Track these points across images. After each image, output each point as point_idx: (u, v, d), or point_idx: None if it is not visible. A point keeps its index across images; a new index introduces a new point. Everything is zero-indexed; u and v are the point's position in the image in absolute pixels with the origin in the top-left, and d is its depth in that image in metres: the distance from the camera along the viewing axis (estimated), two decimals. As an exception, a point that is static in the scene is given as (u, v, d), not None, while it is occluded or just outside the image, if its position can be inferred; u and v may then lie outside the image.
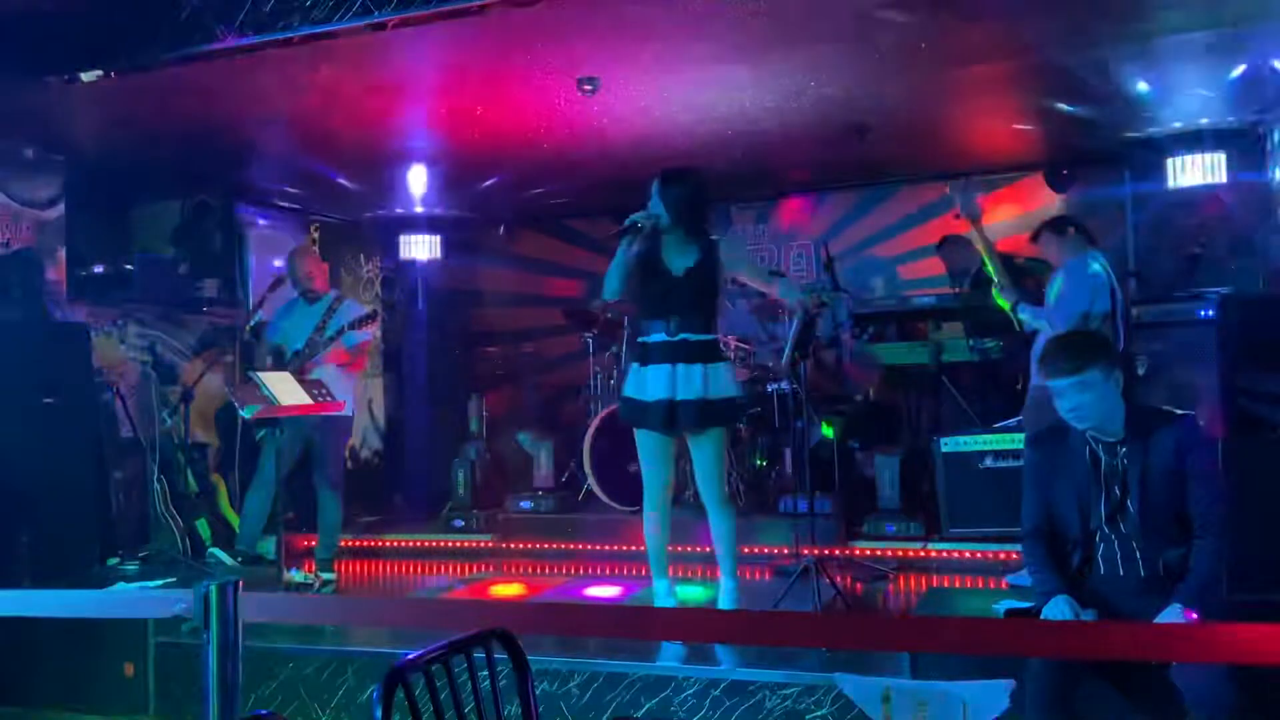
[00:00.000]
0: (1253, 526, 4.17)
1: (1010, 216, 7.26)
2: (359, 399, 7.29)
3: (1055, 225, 4.93)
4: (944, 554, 5.61)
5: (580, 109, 5.49)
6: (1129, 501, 3.06)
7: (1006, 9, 4.45)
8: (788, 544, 5.44)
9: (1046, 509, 3.22)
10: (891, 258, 7.80)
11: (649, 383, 4.23)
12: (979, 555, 5.50)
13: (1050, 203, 7.17)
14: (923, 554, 5.65)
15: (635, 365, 4.33)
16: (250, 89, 5.12)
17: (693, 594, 5.05)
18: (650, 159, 6.66)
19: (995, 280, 4.96)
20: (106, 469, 5.88)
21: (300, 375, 5.40)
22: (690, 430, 4.25)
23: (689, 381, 4.16)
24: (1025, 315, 4.83)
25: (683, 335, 4.19)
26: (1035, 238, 5.04)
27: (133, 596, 3.53)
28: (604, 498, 6.47)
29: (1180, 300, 5.13)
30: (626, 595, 5.27)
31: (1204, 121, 6.17)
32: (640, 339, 4.34)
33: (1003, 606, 3.71)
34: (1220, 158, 6.35)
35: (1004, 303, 4.93)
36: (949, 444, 5.69)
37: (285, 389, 5.14)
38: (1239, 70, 5.29)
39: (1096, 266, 4.78)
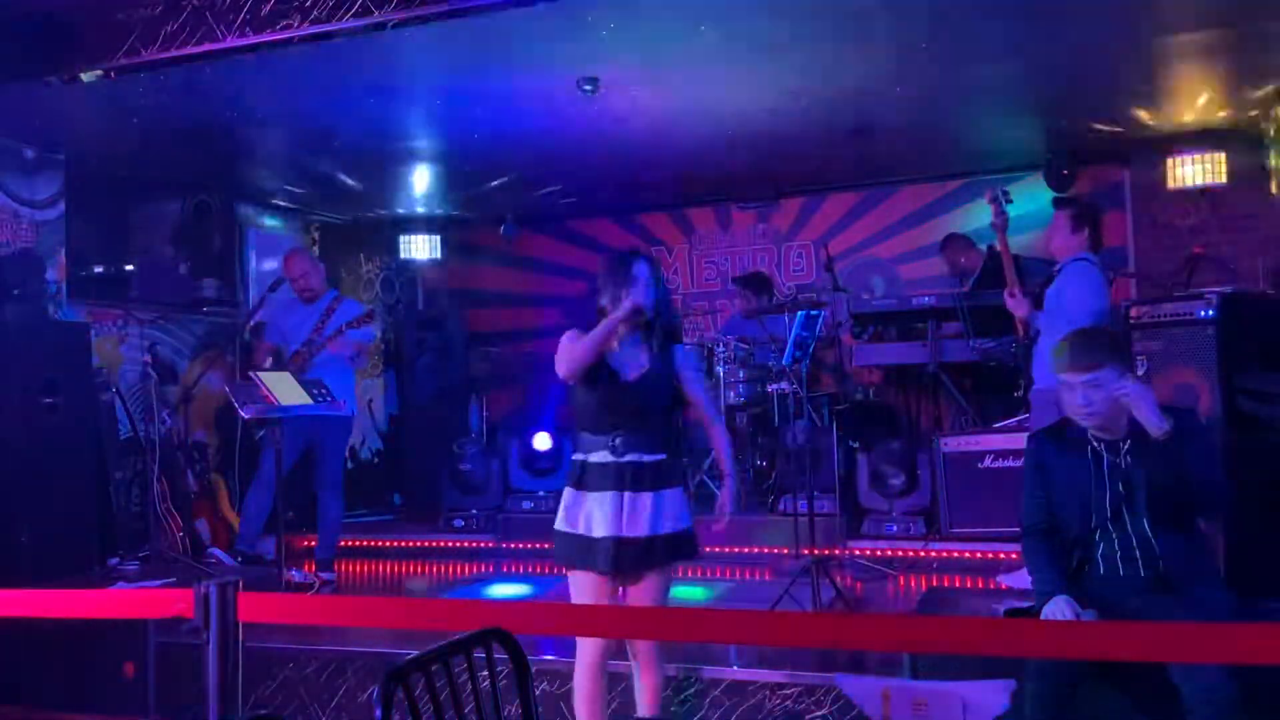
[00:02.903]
0: (1251, 526, 4.17)
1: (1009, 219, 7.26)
2: (359, 399, 7.29)
3: (1075, 216, 4.89)
4: (944, 554, 5.61)
5: (580, 109, 5.49)
6: (1131, 500, 3.06)
7: (1007, 10, 4.45)
8: (788, 544, 5.44)
9: (1047, 508, 3.22)
10: (891, 258, 7.80)
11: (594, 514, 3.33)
12: (979, 555, 5.50)
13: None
14: (923, 554, 5.65)
15: (571, 490, 3.38)
16: (250, 89, 5.12)
17: (693, 594, 5.05)
18: (650, 159, 6.71)
19: (1009, 286, 4.95)
20: (106, 469, 5.87)
21: (300, 375, 5.40)
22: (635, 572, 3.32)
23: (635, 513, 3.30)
24: (1037, 321, 4.82)
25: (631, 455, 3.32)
26: (1056, 205, 5.03)
27: (133, 596, 3.53)
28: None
29: (1180, 300, 5.11)
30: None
31: (1205, 121, 6.17)
32: (577, 455, 3.40)
33: (1003, 607, 3.71)
34: (1220, 158, 6.35)
35: (1013, 310, 4.93)
36: (949, 444, 5.70)
37: (285, 389, 5.14)
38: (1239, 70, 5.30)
39: (1098, 268, 4.79)
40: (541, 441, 6.86)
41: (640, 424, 3.33)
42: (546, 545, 6.23)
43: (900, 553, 5.69)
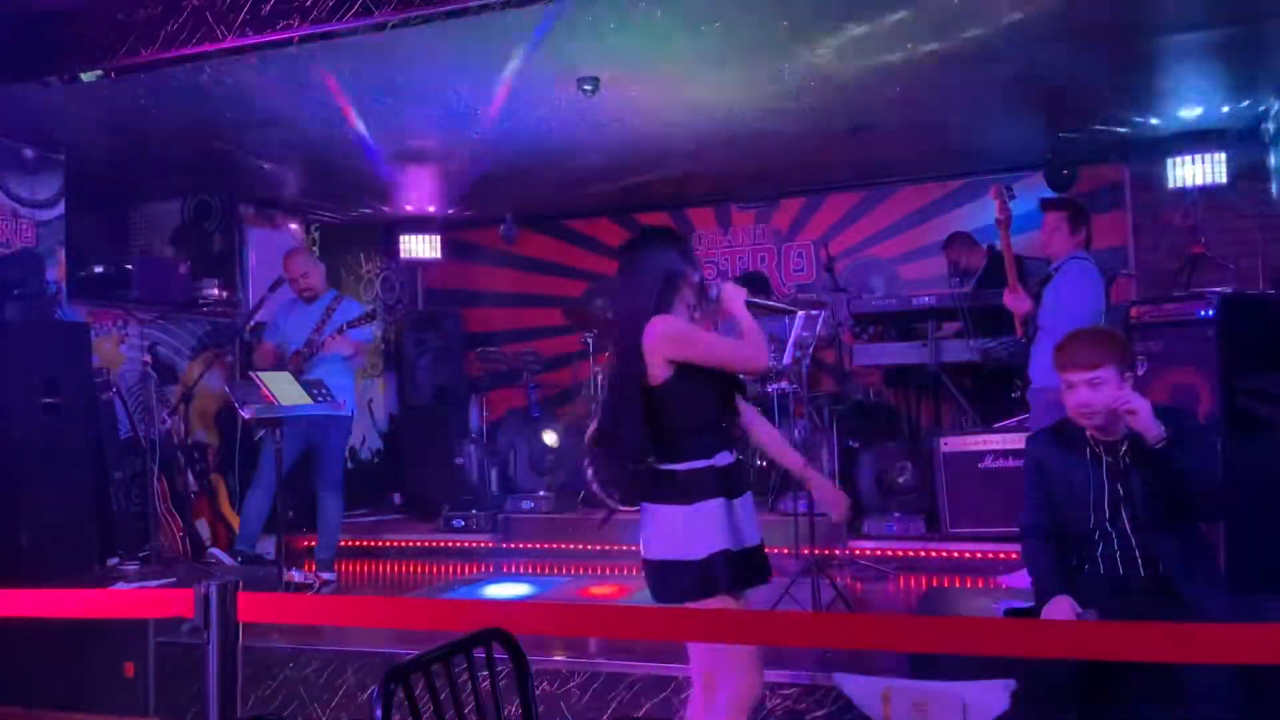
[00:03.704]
0: (1252, 526, 4.17)
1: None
2: (359, 399, 7.29)
3: (1072, 217, 4.90)
4: (944, 554, 5.61)
5: (580, 109, 5.49)
6: (1130, 500, 3.06)
7: (1007, 9, 4.45)
8: (788, 544, 5.44)
9: (1046, 509, 3.22)
10: (891, 258, 7.80)
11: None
12: (979, 555, 5.50)
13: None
14: (923, 554, 5.65)
15: (721, 501, 2.84)
16: (250, 89, 5.12)
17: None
18: (650, 159, 6.71)
19: (1010, 284, 4.97)
20: (106, 469, 5.87)
21: (300, 375, 5.40)
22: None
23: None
24: (1038, 318, 4.83)
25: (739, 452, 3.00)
26: (1046, 207, 5.05)
27: (133, 596, 3.53)
28: (604, 498, 6.45)
29: (1180, 300, 5.12)
30: (626, 595, 5.27)
31: (1204, 121, 6.17)
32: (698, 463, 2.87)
33: (1002, 607, 3.71)
34: (1220, 157, 6.36)
35: (1014, 308, 4.95)
36: (949, 444, 5.70)
37: (285, 389, 5.14)
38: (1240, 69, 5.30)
39: (1096, 267, 4.80)
40: (550, 438, 6.88)
41: (732, 417, 2.99)
42: (546, 545, 6.36)
43: (900, 553, 5.69)
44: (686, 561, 2.78)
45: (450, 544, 6.64)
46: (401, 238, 8.49)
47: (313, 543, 5.91)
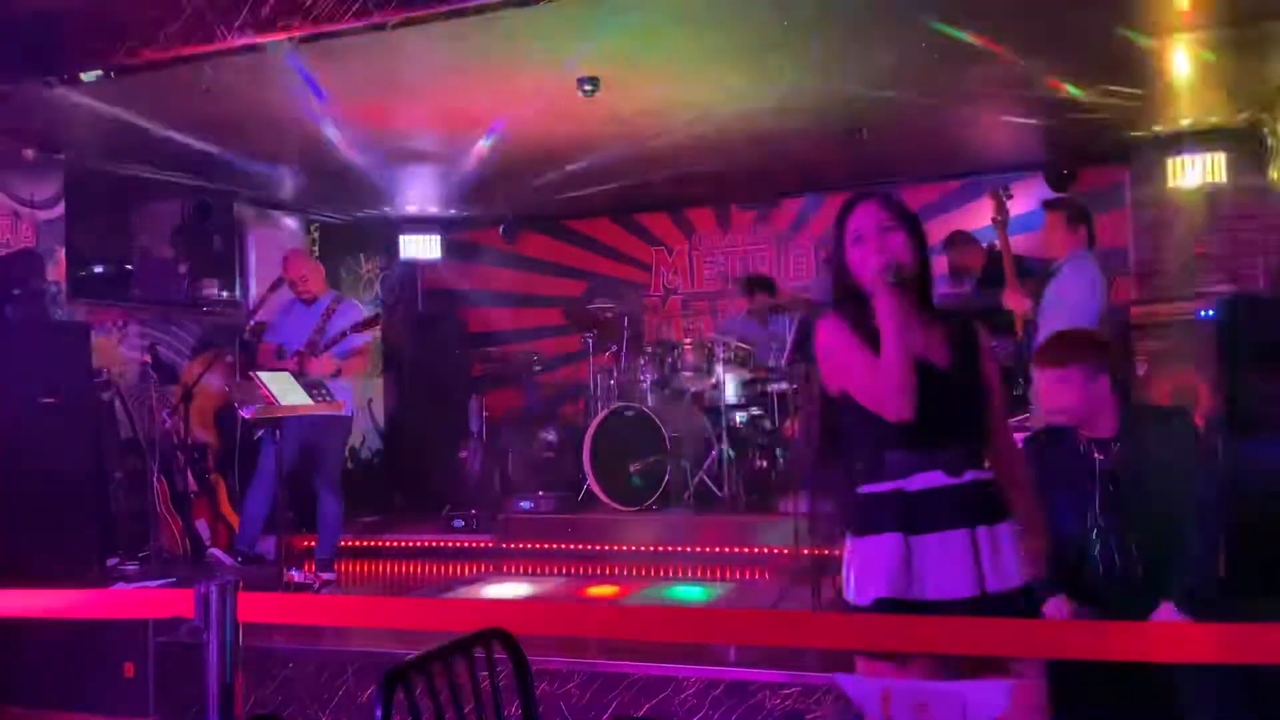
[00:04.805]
0: (1252, 527, 4.16)
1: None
2: (359, 399, 7.28)
3: (1071, 216, 4.92)
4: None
5: (580, 109, 5.49)
6: (1124, 499, 3.07)
7: (1008, 9, 4.45)
8: (788, 544, 5.44)
9: (1044, 508, 3.22)
10: (892, 258, 7.78)
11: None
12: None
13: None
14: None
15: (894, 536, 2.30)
16: (250, 89, 5.12)
17: (693, 594, 5.06)
18: (650, 159, 6.71)
19: (1009, 283, 4.97)
20: (106, 469, 5.87)
21: (300, 375, 5.40)
22: None
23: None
24: (1039, 316, 4.84)
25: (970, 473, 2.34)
26: (1048, 206, 5.05)
27: (133, 596, 3.53)
28: (604, 498, 6.47)
29: (1180, 300, 5.13)
30: (626, 595, 5.27)
31: (1205, 121, 6.17)
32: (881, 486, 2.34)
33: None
34: (1220, 157, 6.36)
35: (1013, 307, 4.96)
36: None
37: (285, 389, 5.14)
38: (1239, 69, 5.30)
39: (1097, 265, 4.81)
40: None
41: (961, 428, 2.37)
42: (546, 545, 6.35)
43: (900, 553, 5.67)
44: (853, 606, 2.35)
45: (450, 544, 6.64)
46: (401, 238, 8.48)
47: (313, 543, 5.91)
